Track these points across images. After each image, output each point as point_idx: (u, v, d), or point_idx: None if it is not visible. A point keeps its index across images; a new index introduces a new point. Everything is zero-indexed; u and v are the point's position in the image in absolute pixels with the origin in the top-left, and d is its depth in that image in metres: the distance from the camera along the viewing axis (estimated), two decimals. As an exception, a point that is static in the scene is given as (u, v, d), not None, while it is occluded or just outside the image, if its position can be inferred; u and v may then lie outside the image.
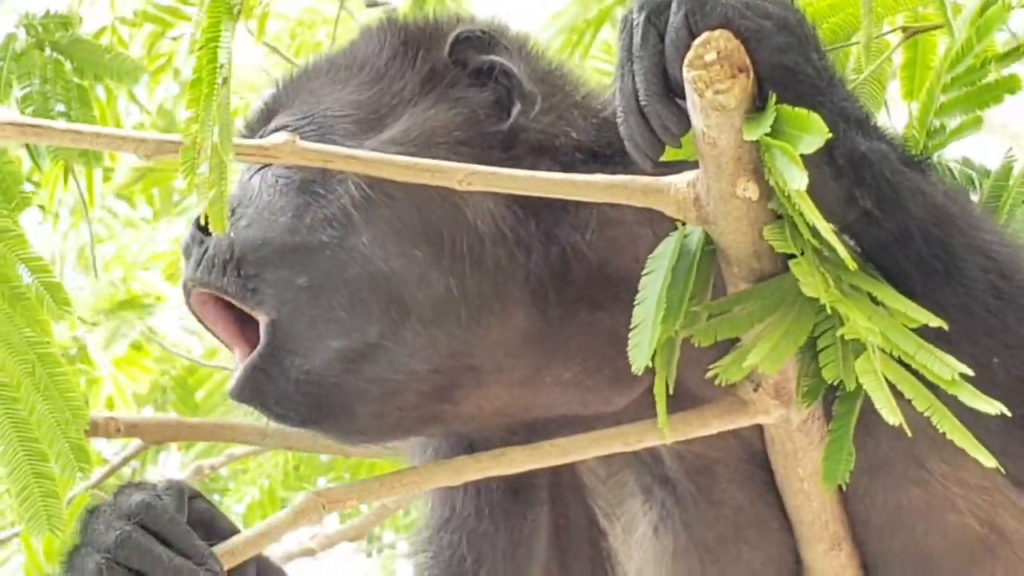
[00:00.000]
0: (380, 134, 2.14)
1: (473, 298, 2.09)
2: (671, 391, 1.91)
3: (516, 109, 2.18)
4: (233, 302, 2.09)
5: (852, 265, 1.82)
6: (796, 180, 1.75)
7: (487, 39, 2.24)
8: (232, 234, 2.08)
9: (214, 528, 1.99)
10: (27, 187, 3.22)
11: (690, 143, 1.87)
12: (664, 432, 1.95)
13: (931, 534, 2.18)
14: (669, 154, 1.88)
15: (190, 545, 1.90)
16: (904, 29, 2.25)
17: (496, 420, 2.18)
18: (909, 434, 1.84)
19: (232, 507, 5.28)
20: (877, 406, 1.84)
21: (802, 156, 1.77)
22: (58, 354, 2.19)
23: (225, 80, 1.90)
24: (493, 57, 2.22)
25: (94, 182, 3.88)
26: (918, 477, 2.16)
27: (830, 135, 1.76)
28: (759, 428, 2.14)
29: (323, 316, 2.05)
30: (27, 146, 3.58)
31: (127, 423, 4.05)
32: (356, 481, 2.00)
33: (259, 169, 2.16)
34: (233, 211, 2.12)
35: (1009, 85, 2.26)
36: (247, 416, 2.11)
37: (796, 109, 1.78)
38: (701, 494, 2.24)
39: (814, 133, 1.76)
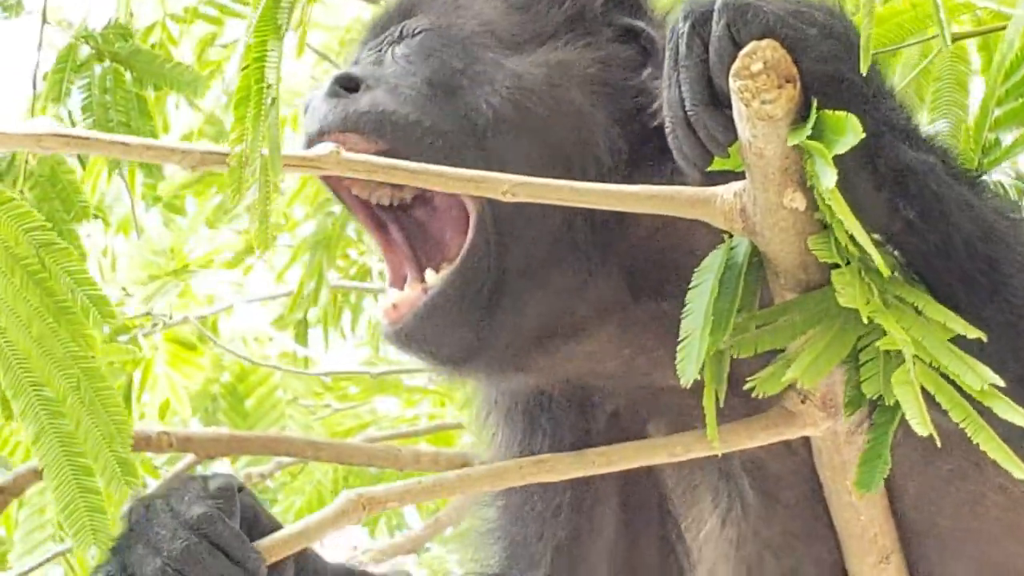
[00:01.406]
0: (521, 56, 2.20)
1: (588, 247, 2.14)
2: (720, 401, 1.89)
3: (647, 72, 2.22)
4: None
5: (886, 271, 1.82)
6: (827, 179, 1.75)
7: (636, 4, 2.29)
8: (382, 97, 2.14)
9: (257, 524, 2.02)
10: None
11: (737, 153, 1.86)
12: (714, 444, 1.93)
13: (1007, 539, 2.16)
14: (716, 164, 1.88)
15: (247, 557, 1.93)
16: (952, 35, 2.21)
17: (580, 376, 2.23)
18: (939, 444, 1.83)
19: (280, 516, 5.28)
20: (908, 416, 1.83)
21: (845, 164, 1.77)
22: (103, 368, 2.19)
23: (273, 100, 1.91)
24: (637, 22, 2.26)
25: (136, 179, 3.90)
26: (997, 483, 2.13)
27: (870, 140, 1.76)
28: (806, 438, 2.12)
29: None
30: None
31: (179, 437, 4.09)
32: (397, 483, 1.99)
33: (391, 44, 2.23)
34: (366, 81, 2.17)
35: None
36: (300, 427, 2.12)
37: (834, 112, 1.77)
38: (760, 491, 2.23)
39: (849, 134, 1.75)
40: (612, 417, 2.30)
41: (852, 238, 1.83)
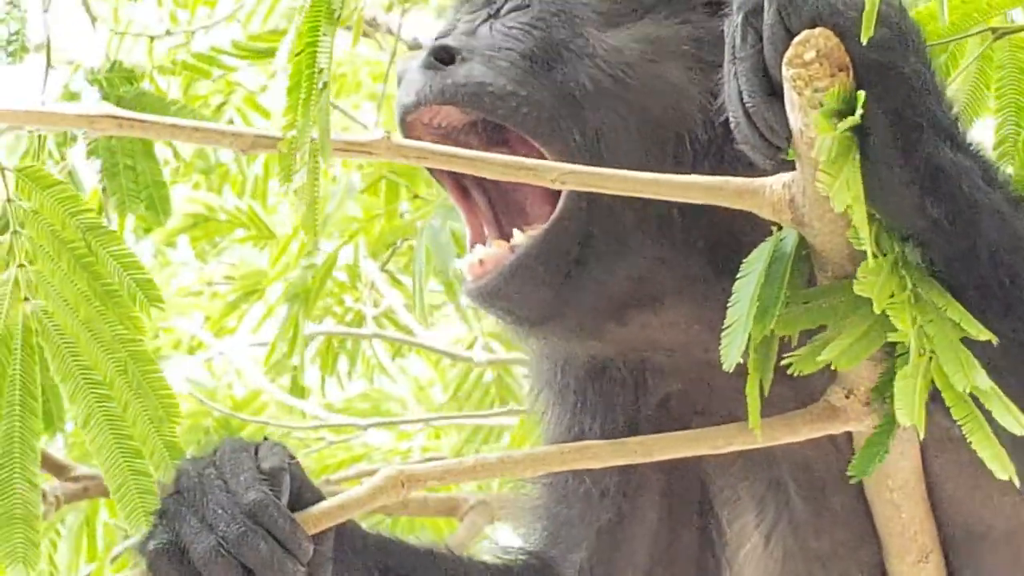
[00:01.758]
0: (619, 30, 2.21)
1: (673, 219, 2.15)
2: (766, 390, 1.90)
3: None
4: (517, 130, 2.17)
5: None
6: (823, 152, 1.78)
7: None
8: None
9: (301, 495, 2.00)
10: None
11: None
12: (756, 433, 1.93)
13: None
14: (791, 155, 1.87)
15: (296, 544, 1.94)
16: (993, 30, 2.21)
17: (643, 349, 2.24)
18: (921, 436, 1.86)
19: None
20: (896, 407, 1.84)
21: (878, 153, 1.79)
22: (150, 352, 2.20)
23: (325, 85, 1.93)
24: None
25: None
26: None
27: (909, 133, 1.78)
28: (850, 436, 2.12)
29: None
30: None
31: None
32: (438, 462, 1.99)
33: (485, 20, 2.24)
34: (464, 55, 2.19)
35: None
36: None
37: (858, 92, 1.77)
38: (808, 498, 2.23)
39: (856, 112, 1.76)
40: (661, 405, 2.30)
41: (889, 231, 1.84)
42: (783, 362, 1.90)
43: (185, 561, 1.93)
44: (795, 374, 1.88)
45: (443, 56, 2.18)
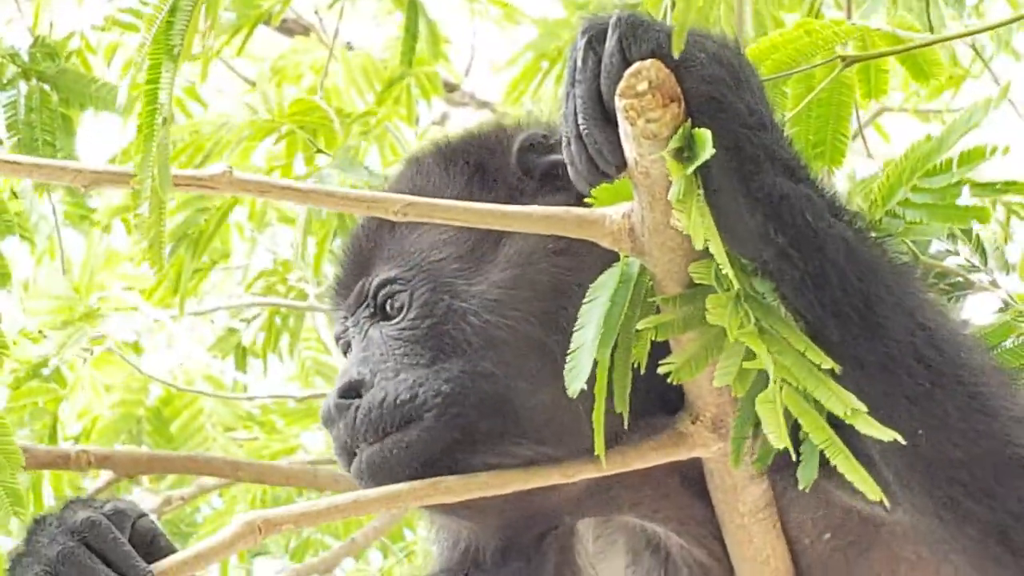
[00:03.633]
0: (487, 267, 2.18)
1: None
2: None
3: None
4: None
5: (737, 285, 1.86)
6: (673, 189, 1.81)
7: (546, 139, 2.26)
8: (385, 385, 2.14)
9: (155, 548, 1.98)
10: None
11: (627, 181, 1.89)
12: (602, 460, 1.95)
13: None
14: (604, 189, 1.90)
15: (130, 566, 1.91)
16: (843, 59, 2.27)
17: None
18: (802, 486, 1.92)
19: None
20: (766, 430, 1.88)
21: (718, 184, 1.84)
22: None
23: (165, 121, 1.92)
24: (554, 156, 2.21)
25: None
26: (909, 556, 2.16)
27: (746, 164, 1.82)
28: None
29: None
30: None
31: (99, 456, 4.11)
32: (293, 505, 1.98)
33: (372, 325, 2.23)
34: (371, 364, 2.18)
35: (979, 215, 2.24)
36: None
37: (700, 129, 1.80)
38: (689, 560, 2.24)
39: (705, 150, 1.79)
40: None
41: (732, 264, 1.87)
42: (660, 370, 1.93)
43: None
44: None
45: (350, 394, 2.16)
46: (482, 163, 2.28)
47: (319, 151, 4.28)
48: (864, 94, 2.44)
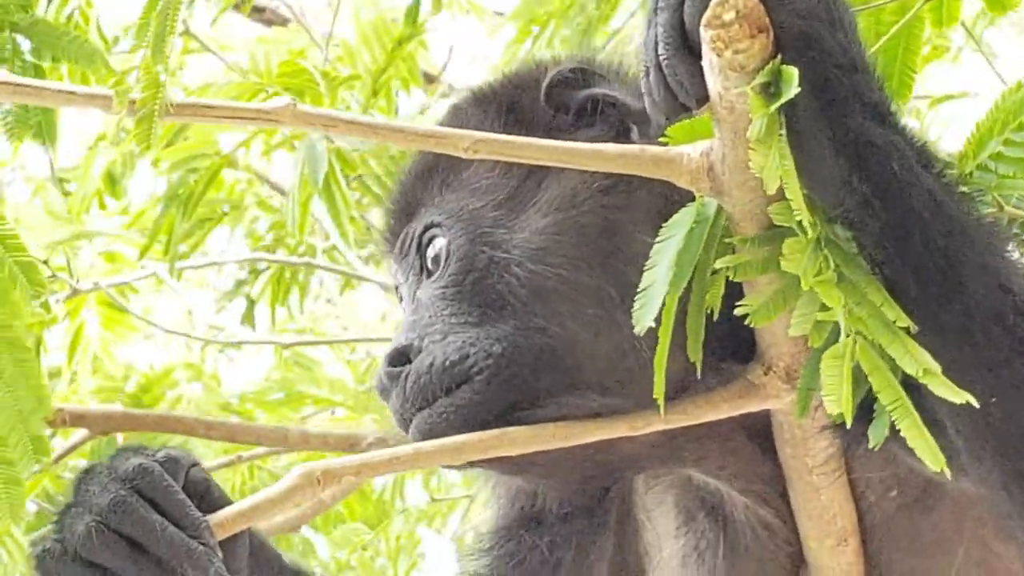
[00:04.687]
0: (528, 213, 2.12)
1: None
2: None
3: (635, 132, 2.14)
4: None
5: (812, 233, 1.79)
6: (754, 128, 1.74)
7: (579, 75, 2.22)
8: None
9: (208, 499, 1.92)
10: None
11: (708, 117, 1.82)
12: (661, 410, 1.91)
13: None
14: (683, 124, 1.83)
15: (184, 515, 1.85)
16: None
17: None
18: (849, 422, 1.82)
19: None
20: (824, 391, 1.82)
21: (803, 125, 1.75)
22: (26, 339, 2.08)
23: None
24: (592, 91, 2.18)
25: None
26: (981, 557, 2.11)
27: (834, 106, 1.74)
28: None
29: None
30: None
31: (73, 414, 4.14)
32: (356, 456, 1.92)
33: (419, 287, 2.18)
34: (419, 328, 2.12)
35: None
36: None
37: (786, 67, 1.73)
38: (753, 521, 2.19)
39: (791, 87, 1.72)
40: None
41: (813, 208, 1.80)
42: (737, 311, 1.87)
43: (70, 553, 1.83)
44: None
45: (400, 361, 2.10)
46: (515, 102, 2.23)
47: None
48: (935, 22, 2.36)
